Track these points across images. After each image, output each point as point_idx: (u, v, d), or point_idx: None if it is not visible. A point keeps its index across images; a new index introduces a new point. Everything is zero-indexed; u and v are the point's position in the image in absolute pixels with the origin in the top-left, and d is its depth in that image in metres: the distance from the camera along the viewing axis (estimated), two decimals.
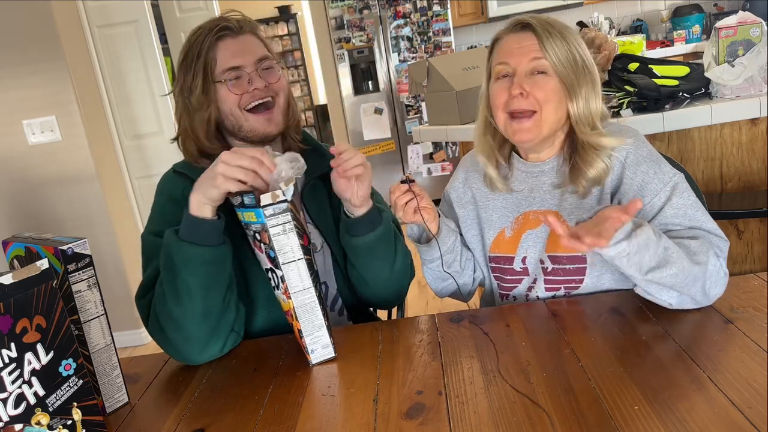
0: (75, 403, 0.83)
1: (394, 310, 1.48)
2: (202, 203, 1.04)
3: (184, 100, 1.22)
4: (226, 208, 1.08)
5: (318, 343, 1.04)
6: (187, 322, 1.06)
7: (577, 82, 1.11)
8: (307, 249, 1.02)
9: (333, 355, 1.05)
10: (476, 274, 1.33)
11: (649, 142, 1.16)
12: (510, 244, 1.23)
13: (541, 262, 1.19)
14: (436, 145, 4.63)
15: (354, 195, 1.12)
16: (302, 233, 1.01)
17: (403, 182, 1.15)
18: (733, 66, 2.04)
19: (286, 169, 1.02)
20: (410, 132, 4.91)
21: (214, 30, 1.18)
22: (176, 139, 1.27)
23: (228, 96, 1.18)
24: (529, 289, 1.23)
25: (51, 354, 0.81)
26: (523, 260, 1.21)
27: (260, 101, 1.19)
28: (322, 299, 1.05)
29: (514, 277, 1.24)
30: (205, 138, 1.21)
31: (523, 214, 1.21)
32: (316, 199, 1.29)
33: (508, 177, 1.24)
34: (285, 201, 0.98)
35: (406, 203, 1.14)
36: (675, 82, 2.20)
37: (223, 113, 1.20)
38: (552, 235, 1.17)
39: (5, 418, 0.76)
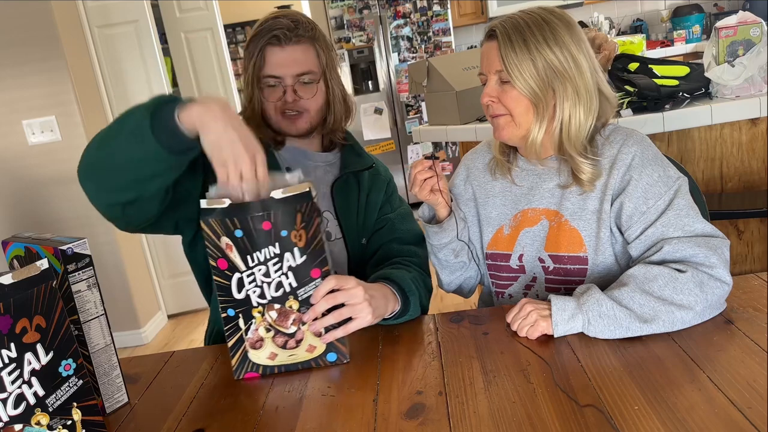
0: (75, 404, 0.83)
1: None
2: (194, 120, 0.93)
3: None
4: None
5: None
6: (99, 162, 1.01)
7: (543, 96, 1.10)
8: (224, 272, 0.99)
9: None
10: (480, 269, 1.33)
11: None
12: (507, 242, 1.23)
13: (542, 261, 1.19)
14: (436, 145, 4.63)
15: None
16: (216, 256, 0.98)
17: (427, 158, 1.16)
18: (733, 66, 2.04)
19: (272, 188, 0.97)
20: (410, 132, 4.90)
21: (265, 37, 1.22)
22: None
23: (264, 97, 1.26)
24: (528, 287, 1.22)
25: (51, 354, 0.81)
26: (520, 258, 1.21)
27: (290, 111, 1.26)
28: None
29: (509, 275, 1.24)
30: (254, 125, 1.26)
31: (522, 211, 1.21)
32: (344, 193, 1.33)
33: (512, 168, 1.24)
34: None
35: (425, 180, 1.16)
36: (675, 82, 2.20)
37: (263, 106, 1.28)
38: (551, 234, 1.17)
39: (5, 419, 0.76)
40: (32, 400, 0.78)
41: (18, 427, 0.77)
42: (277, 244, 0.98)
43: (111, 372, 1.00)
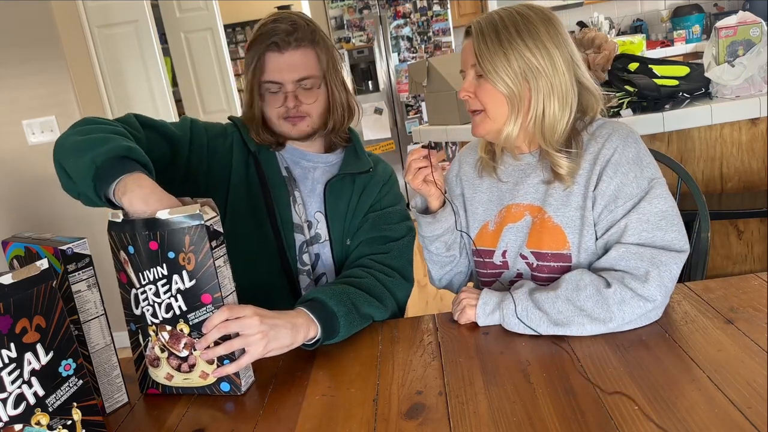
0: (75, 403, 0.83)
1: None
2: (121, 197, 0.97)
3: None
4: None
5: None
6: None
7: (516, 90, 1.10)
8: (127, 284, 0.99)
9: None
10: (470, 265, 1.33)
11: (643, 143, 1.13)
12: (492, 238, 1.23)
13: (524, 257, 1.19)
14: (437, 145, 4.64)
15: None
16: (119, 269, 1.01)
17: (424, 146, 1.16)
18: (733, 66, 2.04)
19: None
20: (410, 132, 4.91)
21: (265, 43, 1.22)
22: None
23: (266, 103, 1.28)
24: (512, 284, 1.22)
25: (51, 354, 0.81)
26: (503, 254, 1.22)
27: (292, 116, 1.27)
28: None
29: (493, 271, 1.24)
30: (255, 129, 1.31)
31: (506, 207, 1.21)
32: (337, 193, 1.33)
33: (498, 167, 1.24)
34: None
35: (419, 169, 1.17)
36: (675, 82, 2.20)
37: (264, 111, 1.30)
38: (534, 230, 1.17)
39: (5, 419, 0.76)
40: (32, 400, 0.78)
41: (18, 427, 0.77)
42: (164, 264, 0.94)
43: (111, 372, 1.00)
